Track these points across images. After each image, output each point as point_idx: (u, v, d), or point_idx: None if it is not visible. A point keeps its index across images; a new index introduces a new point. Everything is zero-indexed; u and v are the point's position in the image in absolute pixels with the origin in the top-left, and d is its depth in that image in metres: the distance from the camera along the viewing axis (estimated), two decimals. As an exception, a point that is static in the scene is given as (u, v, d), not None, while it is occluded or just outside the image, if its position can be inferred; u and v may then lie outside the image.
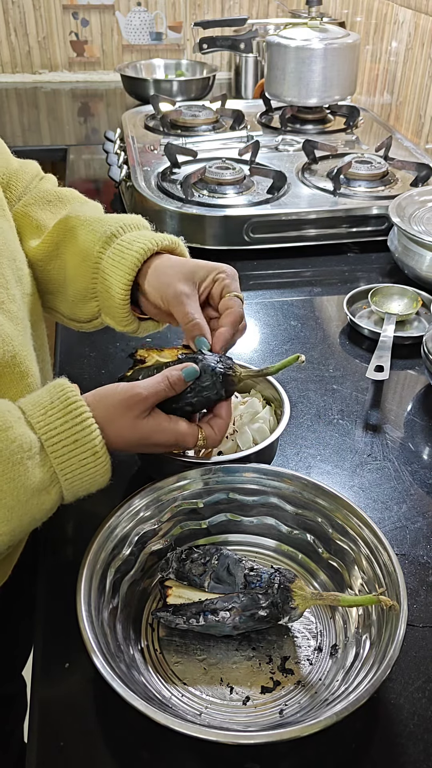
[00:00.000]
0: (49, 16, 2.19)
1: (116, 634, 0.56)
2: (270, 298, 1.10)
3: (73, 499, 0.57)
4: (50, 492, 0.54)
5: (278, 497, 0.65)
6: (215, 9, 2.27)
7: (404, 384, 0.91)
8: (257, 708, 0.54)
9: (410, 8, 1.52)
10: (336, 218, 1.21)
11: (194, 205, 1.20)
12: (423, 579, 0.65)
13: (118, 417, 0.58)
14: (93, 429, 0.56)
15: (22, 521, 0.53)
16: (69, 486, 0.55)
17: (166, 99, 1.68)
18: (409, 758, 0.51)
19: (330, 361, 0.95)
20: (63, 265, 0.74)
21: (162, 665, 0.57)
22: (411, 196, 1.17)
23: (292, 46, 1.48)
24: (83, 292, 0.73)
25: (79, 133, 1.87)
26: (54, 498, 0.55)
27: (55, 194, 0.81)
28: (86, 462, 0.55)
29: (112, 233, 0.71)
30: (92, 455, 0.55)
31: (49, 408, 0.56)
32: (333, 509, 0.63)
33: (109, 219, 0.73)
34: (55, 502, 0.56)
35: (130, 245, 0.69)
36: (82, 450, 0.55)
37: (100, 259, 0.70)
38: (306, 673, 0.56)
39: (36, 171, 0.84)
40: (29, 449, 0.53)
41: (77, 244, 0.72)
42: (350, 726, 0.53)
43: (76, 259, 0.72)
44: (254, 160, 1.34)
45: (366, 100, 1.83)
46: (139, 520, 0.62)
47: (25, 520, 0.53)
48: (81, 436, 0.55)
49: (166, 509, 0.64)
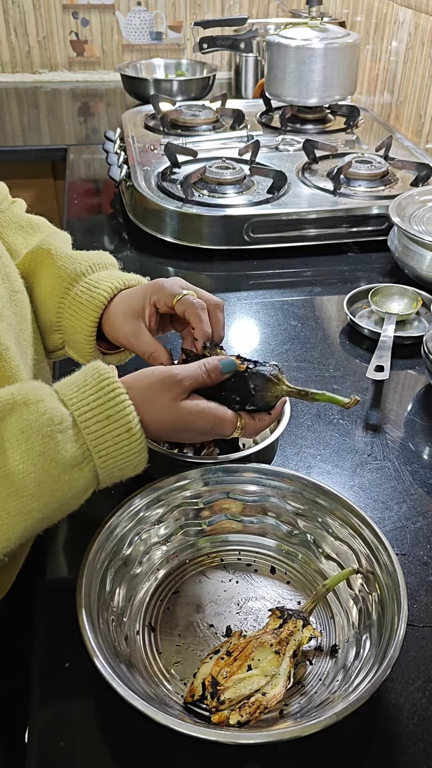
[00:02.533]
0: (49, 15, 2.19)
1: (116, 634, 0.56)
2: (270, 298, 1.10)
3: (109, 482, 0.56)
4: (83, 469, 0.54)
5: (278, 497, 0.65)
6: (215, 8, 2.27)
7: (404, 384, 0.91)
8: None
9: (410, 8, 1.52)
10: (336, 218, 1.20)
11: (194, 205, 1.20)
12: (423, 579, 0.65)
13: (154, 398, 0.57)
14: (127, 405, 0.55)
15: (53, 497, 0.52)
16: (103, 464, 0.54)
17: (166, 99, 1.68)
18: (409, 758, 0.51)
19: (330, 361, 0.95)
20: (31, 295, 0.75)
21: (162, 665, 0.57)
22: (411, 196, 1.16)
23: (293, 45, 1.48)
24: (48, 324, 0.74)
25: (79, 132, 1.87)
26: (87, 476, 0.54)
27: (27, 221, 0.83)
28: (120, 440, 0.54)
29: (81, 271, 0.72)
30: (126, 432, 0.55)
31: (83, 386, 0.55)
32: (333, 509, 0.63)
33: (78, 257, 0.75)
34: (88, 481, 0.54)
35: (98, 285, 0.70)
36: (116, 426, 0.54)
37: (66, 296, 0.72)
38: (306, 673, 0.56)
39: (5, 192, 0.84)
40: (60, 422, 0.52)
41: (47, 278, 0.74)
42: (350, 726, 0.53)
43: (44, 292, 0.73)
44: (254, 160, 1.34)
45: (366, 99, 1.83)
46: (139, 521, 0.62)
47: (56, 497, 0.52)
48: (114, 411, 0.54)
49: (166, 509, 0.64)
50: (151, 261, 1.19)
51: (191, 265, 1.17)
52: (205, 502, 0.65)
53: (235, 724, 0.51)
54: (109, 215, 1.36)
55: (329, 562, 0.63)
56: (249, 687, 0.52)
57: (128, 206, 1.31)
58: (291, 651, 0.54)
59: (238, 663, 0.54)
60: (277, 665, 0.53)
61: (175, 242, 1.20)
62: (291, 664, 0.54)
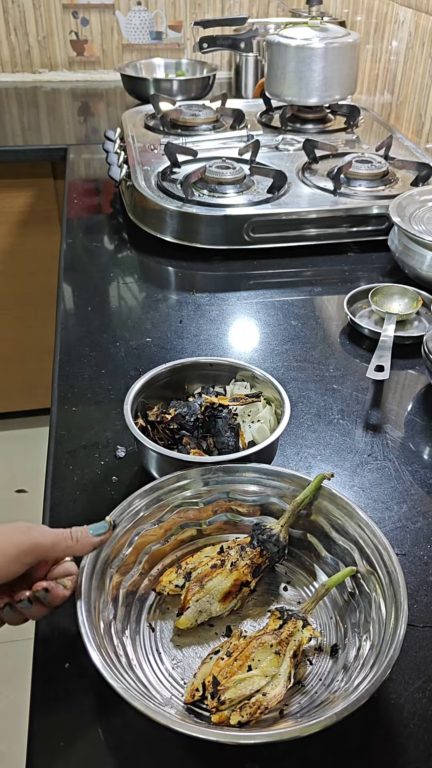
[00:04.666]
0: (49, 15, 2.19)
1: (116, 634, 0.56)
2: (270, 298, 1.10)
3: None
4: None
5: (278, 497, 0.65)
6: (215, 8, 2.27)
7: (404, 384, 0.91)
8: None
9: (411, 7, 1.51)
10: (336, 218, 1.20)
11: (194, 205, 1.20)
12: (423, 579, 0.65)
13: None
14: None
15: None
16: None
17: (166, 98, 1.68)
18: (409, 758, 0.51)
19: (330, 361, 0.95)
20: None
21: (162, 666, 0.57)
22: (411, 196, 1.16)
23: (293, 45, 1.48)
24: None
25: (79, 132, 1.87)
26: None
27: None
28: None
29: None
30: None
31: None
32: (332, 509, 0.63)
33: None
34: None
35: None
36: None
37: None
38: (306, 673, 0.56)
39: None
40: None
41: None
42: (350, 726, 0.53)
43: None
44: (254, 160, 1.34)
45: (366, 99, 1.83)
46: (139, 520, 0.62)
47: None
48: None
49: (166, 509, 0.64)
50: (151, 261, 1.19)
51: (191, 265, 1.17)
52: (205, 502, 0.65)
53: (236, 725, 0.51)
54: (109, 215, 1.36)
55: (329, 562, 0.63)
56: (249, 687, 0.52)
57: (128, 206, 1.31)
58: (291, 651, 0.54)
59: (239, 663, 0.54)
60: (277, 666, 0.53)
61: (175, 242, 1.20)
62: (291, 665, 0.54)
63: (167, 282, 1.15)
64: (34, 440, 1.97)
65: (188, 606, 0.59)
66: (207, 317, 1.03)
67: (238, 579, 0.60)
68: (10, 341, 2.05)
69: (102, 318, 1.03)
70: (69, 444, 0.79)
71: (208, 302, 1.07)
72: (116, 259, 1.21)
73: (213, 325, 1.02)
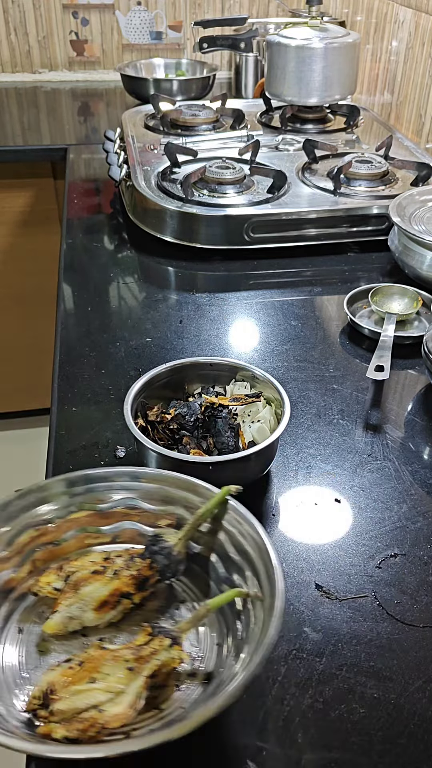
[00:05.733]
0: (49, 15, 2.19)
1: None
2: (270, 298, 1.10)
3: None
4: None
5: (141, 499, 0.62)
6: (215, 8, 2.27)
7: (404, 384, 0.91)
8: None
9: (411, 7, 1.51)
10: (336, 218, 1.20)
11: (194, 205, 1.20)
12: (423, 579, 0.65)
13: None
14: None
15: None
16: None
17: (166, 98, 1.68)
18: (409, 758, 0.51)
19: (330, 361, 0.95)
20: None
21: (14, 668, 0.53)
22: (411, 196, 1.16)
23: (293, 45, 1.48)
24: None
25: (79, 132, 1.87)
26: None
27: None
28: None
29: None
30: None
31: None
32: (234, 524, 0.58)
33: None
34: None
35: None
36: None
37: None
38: (169, 698, 0.51)
39: None
40: None
41: None
42: (350, 725, 0.53)
43: None
44: (254, 160, 1.34)
45: (366, 99, 1.83)
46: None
47: None
48: None
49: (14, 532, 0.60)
50: (151, 261, 1.19)
51: (191, 265, 1.17)
52: (58, 517, 0.60)
53: (61, 739, 0.45)
54: (109, 215, 1.36)
55: (226, 582, 0.57)
56: (85, 701, 0.47)
57: (128, 206, 1.31)
58: (149, 671, 0.48)
59: (81, 674, 0.48)
60: (126, 683, 0.48)
61: (175, 242, 1.20)
62: (144, 685, 0.48)
63: (167, 282, 1.15)
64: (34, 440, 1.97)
65: (57, 610, 0.54)
66: (207, 317, 1.03)
67: (118, 589, 0.55)
68: (10, 341, 2.05)
69: (102, 318, 1.03)
70: (69, 444, 0.79)
71: (208, 302, 1.07)
72: (116, 259, 1.21)
73: (213, 325, 1.02)
